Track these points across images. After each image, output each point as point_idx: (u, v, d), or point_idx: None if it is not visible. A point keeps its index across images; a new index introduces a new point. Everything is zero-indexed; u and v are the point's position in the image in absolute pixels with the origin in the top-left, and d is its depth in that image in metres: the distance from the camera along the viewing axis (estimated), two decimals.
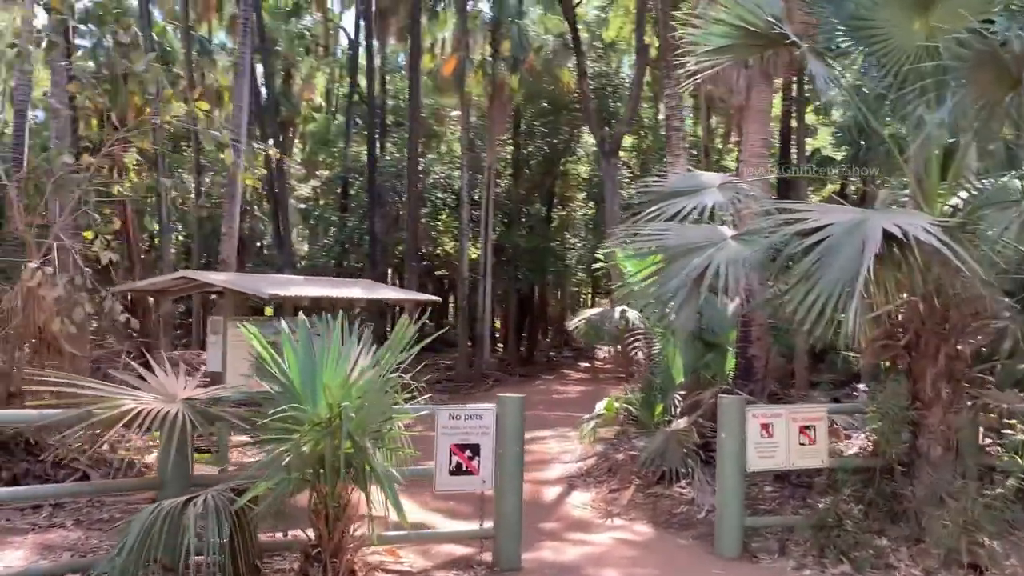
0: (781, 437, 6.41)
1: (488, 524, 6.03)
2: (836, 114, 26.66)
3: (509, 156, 28.42)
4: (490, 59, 23.12)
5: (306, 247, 31.58)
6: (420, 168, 26.79)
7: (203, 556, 4.16)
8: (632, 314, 12.25)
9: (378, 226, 24.24)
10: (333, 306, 10.91)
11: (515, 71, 22.91)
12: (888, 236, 4.88)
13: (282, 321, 5.17)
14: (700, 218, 6.36)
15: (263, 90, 25.78)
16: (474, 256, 26.73)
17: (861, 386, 14.62)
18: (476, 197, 24.85)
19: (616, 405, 9.55)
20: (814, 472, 7.19)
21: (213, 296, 9.82)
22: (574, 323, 13.04)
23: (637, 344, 11.68)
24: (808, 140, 26.76)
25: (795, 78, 18.91)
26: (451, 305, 32.17)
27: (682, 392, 9.74)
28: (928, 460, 6.11)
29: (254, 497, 4.50)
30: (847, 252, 4.81)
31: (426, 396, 5.48)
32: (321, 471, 4.37)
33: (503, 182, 28.72)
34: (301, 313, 9.65)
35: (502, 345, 32.09)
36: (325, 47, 33.36)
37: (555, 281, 32.23)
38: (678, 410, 9.48)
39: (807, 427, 6.47)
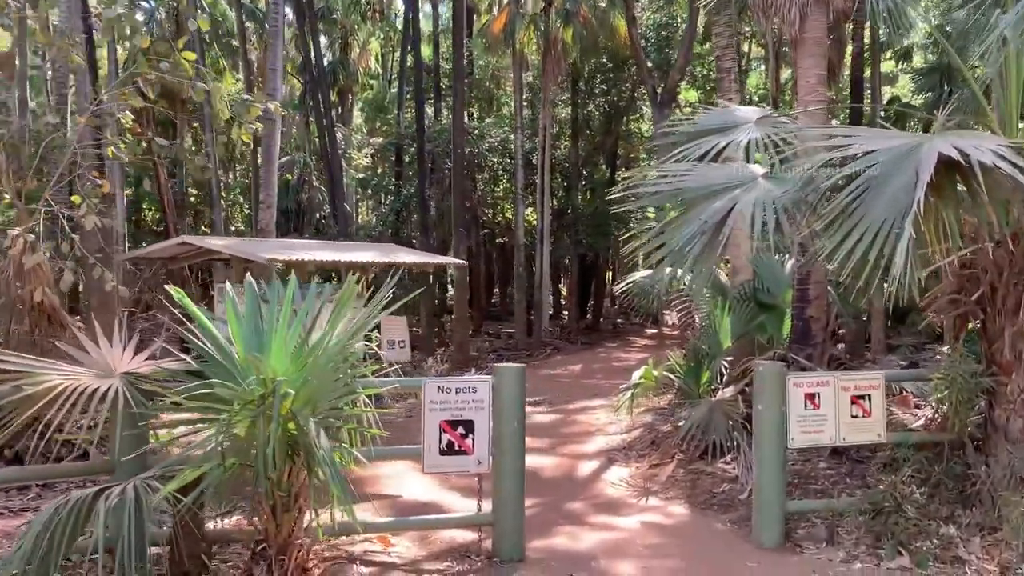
0: (829, 409, 5.54)
1: (488, 508, 5.36)
2: (917, 58, 24.80)
3: (567, 116, 27.42)
4: (541, 13, 22.10)
5: (365, 217, 31.33)
6: (475, 131, 26.12)
7: (118, 551, 3.60)
8: (682, 274, 11.40)
9: (432, 192, 23.68)
10: (348, 271, 10.37)
11: (568, 24, 21.86)
12: (948, 163, 3.96)
13: (227, 284, 4.54)
14: (734, 157, 5.49)
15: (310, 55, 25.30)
16: (533, 221, 25.97)
17: (945, 349, 13.44)
18: (533, 160, 24.03)
19: (654, 373, 8.73)
20: (877, 447, 6.30)
21: (220, 263, 9.42)
22: (621, 286, 12.22)
23: (685, 306, 10.83)
24: (886, 88, 25.00)
25: (867, 20, 17.41)
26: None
27: (729, 358, 8.87)
28: (1006, 435, 5.16)
29: (196, 483, 3.92)
30: (896, 183, 3.91)
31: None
32: (267, 455, 3.75)
33: (562, 144, 27.77)
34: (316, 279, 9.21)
35: (566, 312, 31.31)
36: (380, 12, 32.76)
37: (621, 245, 31.18)
38: (724, 378, 8.62)
39: (860, 397, 5.58)
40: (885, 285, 3.93)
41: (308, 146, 29.68)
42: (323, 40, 37.36)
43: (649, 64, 24.79)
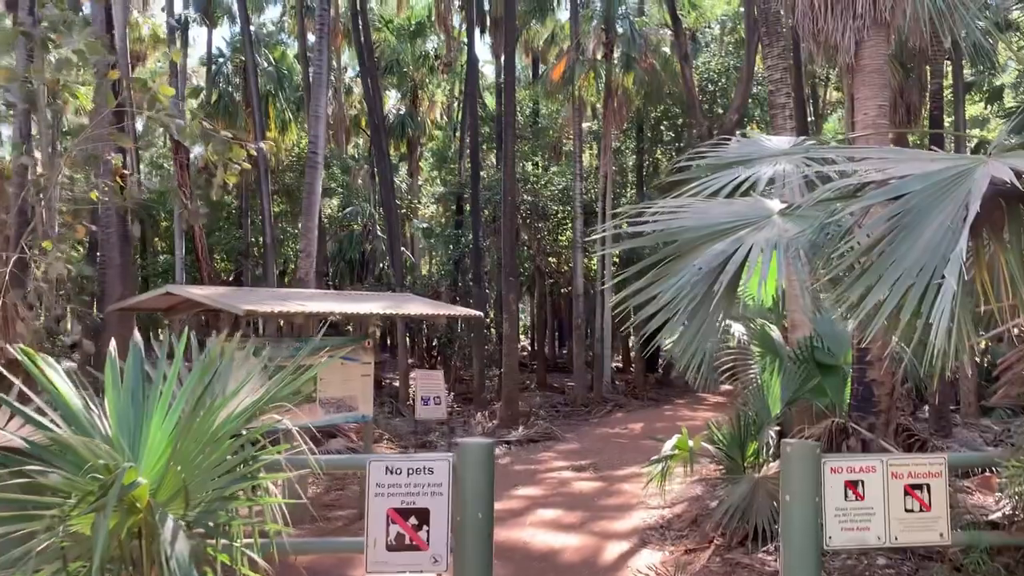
0: (877, 500, 4.48)
1: None
2: (1009, 98, 22.99)
3: (634, 164, 26.64)
4: (602, 60, 21.52)
5: (430, 267, 30.98)
6: (536, 180, 25.56)
7: None
8: (737, 328, 10.35)
9: (491, 242, 23.12)
10: (360, 323, 9.66)
11: (629, 70, 21.17)
12: (1012, 194, 3.00)
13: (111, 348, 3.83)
14: (752, 193, 4.58)
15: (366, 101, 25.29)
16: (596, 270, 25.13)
17: None
18: (597, 208, 23.28)
19: (690, 443, 7.69)
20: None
21: (205, 315, 8.92)
22: (669, 340, 11.20)
23: (736, 365, 9.76)
24: (974, 131, 23.27)
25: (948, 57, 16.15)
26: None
27: (776, 428, 7.79)
28: None
29: None
30: (936, 219, 2.97)
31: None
32: (98, 562, 2.98)
33: (628, 192, 26.95)
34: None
35: (635, 366, 30.10)
36: (448, 64, 32.84)
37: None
38: (772, 451, 7.53)
39: (917, 486, 4.50)
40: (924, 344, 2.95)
41: (373, 197, 29.66)
42: (394, 93, 37.90)
43: (720, 110, 23.89)
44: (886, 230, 3.00)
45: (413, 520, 4.23)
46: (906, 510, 4.52)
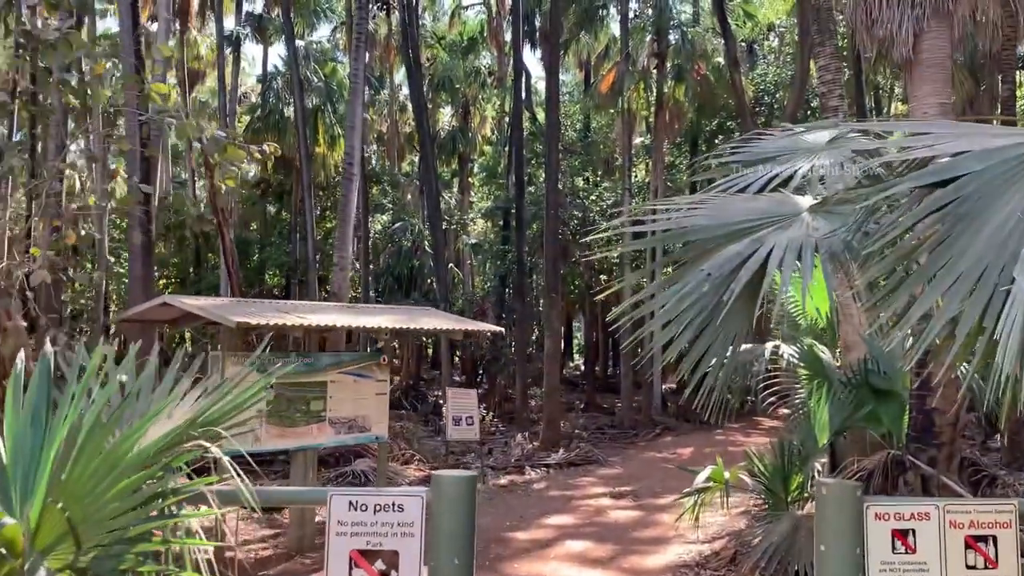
0: (931, 553, 3.75)
1: None
2: None
3: (686, 179, 25.86)
4: (653, 71, 20.88)
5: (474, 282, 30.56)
6: (586, 195, 24.96)
7: None
8: (788, 350, 9.59)
9: (538, 258, 22.56)
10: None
11: (681, 81, 20.48)
12: None
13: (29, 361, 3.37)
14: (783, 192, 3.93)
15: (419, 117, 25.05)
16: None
17: None
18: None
19: (725, 475, 6.96)
20: None
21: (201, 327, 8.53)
22: (714, 362, 10.47)
23: (782, 389, 9.00)
24: None
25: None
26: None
27: (823, 460, 7.02)
28: None
29: None
30: (1001, 207, 2.32)
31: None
32: None
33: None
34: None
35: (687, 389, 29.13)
36: (499, 79, 32.55)
37: (756, 320, 28.80)
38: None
39: (981, 537, 3.77)
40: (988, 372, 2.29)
41: (422, 213, 29.45)
42: (447, 110, 37.78)
43: (776, 122, 22.98)
44: (935, 221, 2.35)
45: (380, 565, 3.65)
46: (967, 567, 3.77)
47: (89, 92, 6.01)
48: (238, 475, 3.10)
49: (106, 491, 2.73)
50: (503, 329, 9.17)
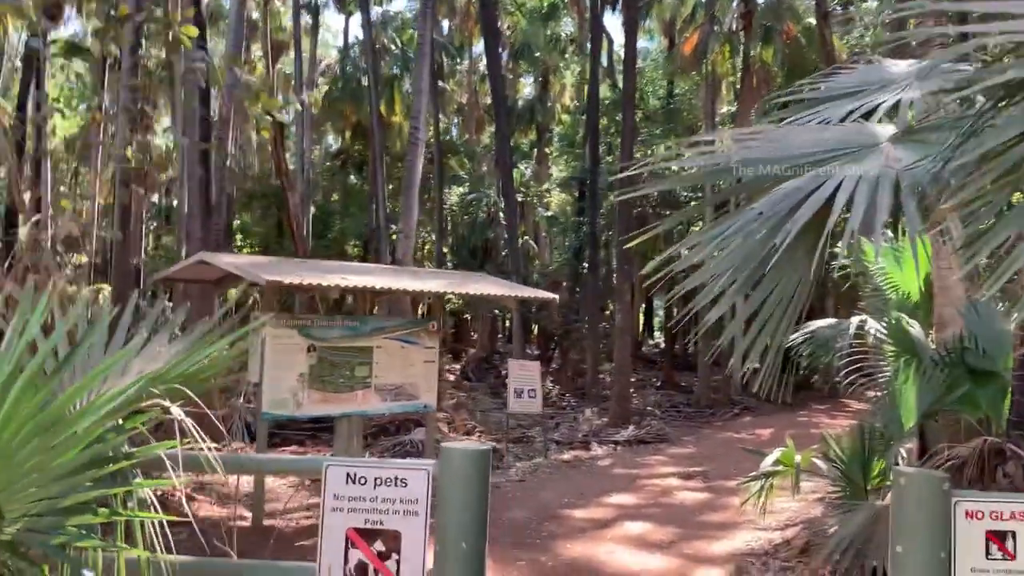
0: None
1: None
2: None
3: None
4: (739, 32, 19.82)
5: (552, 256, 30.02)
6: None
7: None
8: (874, 326, 8.80)
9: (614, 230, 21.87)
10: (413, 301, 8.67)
11: (769, 43, 19.39)
12: None
13: None
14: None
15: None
16: None
17: None
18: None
19: (796, 458, 6.31)
20: None
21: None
22: (793, 338, 9.71)
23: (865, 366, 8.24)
24: None
25: None
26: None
27: (909, 446, 6.30)
28: None
29: None
30: None
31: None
32: None
33: None
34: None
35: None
36: (580, 45, 31.71)
37: (838, 290, 27.41)
38: None
39: None
40: None
41: (498, 185, 29.05)
42: (528, 80, 37.15)
43: None
44: None
45: (379, 545, 3.24)
46: None
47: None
48: (200, 439, 2.72)
49: (35, 454, 2.37)
50: (556, 296, 8.66)
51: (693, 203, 24.40)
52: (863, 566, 5.48)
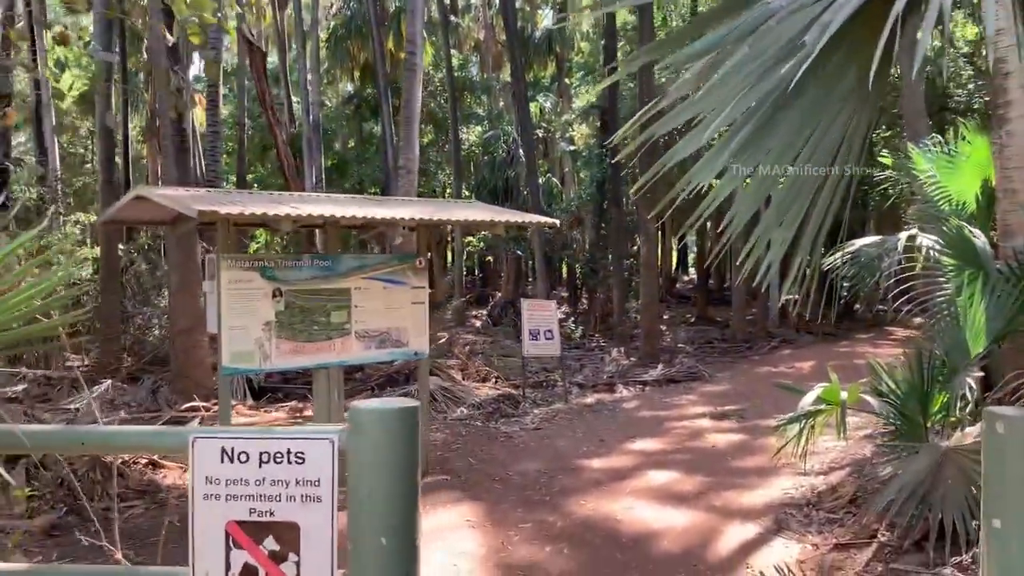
0: None
1: None
2: None
3: None
4: None
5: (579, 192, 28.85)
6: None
7: None
8: (927, 240, 7.73)
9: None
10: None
11: None
12: None
13: None
14: None
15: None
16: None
17: None
18: None
19: (842, 395, 5.34)
20: None
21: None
22: (832, 259, 8.66)
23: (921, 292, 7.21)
24: None
25: None
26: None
27: (978, 374, 5.31)
28: None
29: None
30: None
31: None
32: None
33: None
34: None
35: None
36: None
37: (880, 211, 25.91)
38: (968, 406, 5.10)
39: None
40: None
41: (516, 121, 27.83)
42: (546, 10, 35.51)
43: None
44: None
45: (271, 543, 2.37)
46: None
47: None
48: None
49: None
50: (556, 221, 7.64)
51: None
52: (927, 519, 4.56)
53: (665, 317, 22.89)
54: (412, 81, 12.39)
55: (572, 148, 28.09)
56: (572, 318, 22.02)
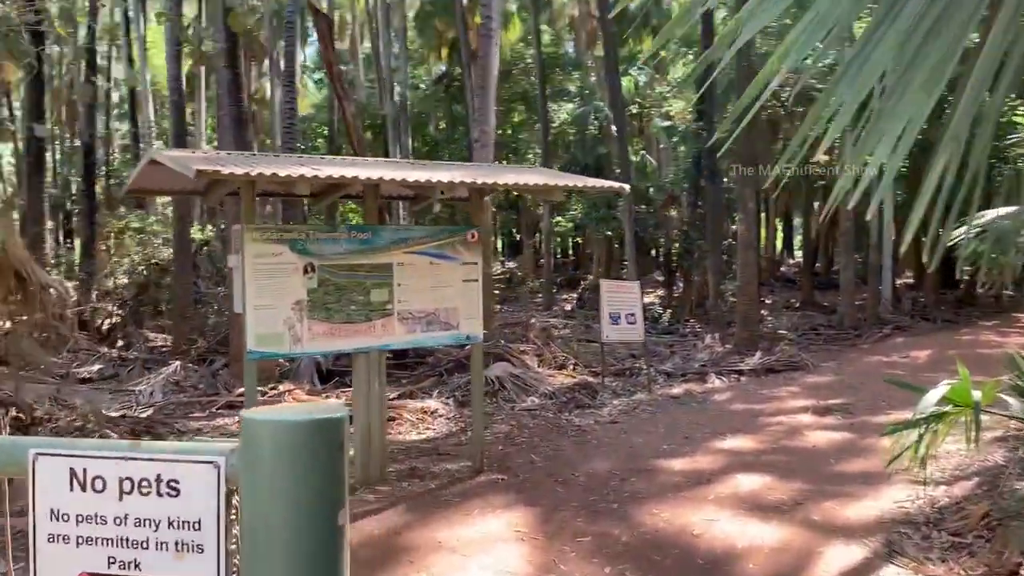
0: None
1: None
2: None
3: None
4: None
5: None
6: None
7: None
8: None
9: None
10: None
11: None
12: None
13: None
14: None
15: None
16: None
17: None
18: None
19: (975, 394, 4.30)
20: None
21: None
22: (958, 234, 7.45)
23: None
24: None
25: None
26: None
27: None
28: None
29: None
30: None
31: None
32: None
33: None
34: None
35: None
36: None
37: (1010, 190, 23.70)
38: None
39: None
40: None
41: (608, 95, 26.80)
42: None
43: None
44: None
45: None
46: None
47: None
48: None
49: None
50: (626, 187, 6.67)
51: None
52: None
53: (767, 302, 21.55)
54: (488, 48, 11.70)
55: (667, 123, 26.83)
56: (665, 302, 20.95)
